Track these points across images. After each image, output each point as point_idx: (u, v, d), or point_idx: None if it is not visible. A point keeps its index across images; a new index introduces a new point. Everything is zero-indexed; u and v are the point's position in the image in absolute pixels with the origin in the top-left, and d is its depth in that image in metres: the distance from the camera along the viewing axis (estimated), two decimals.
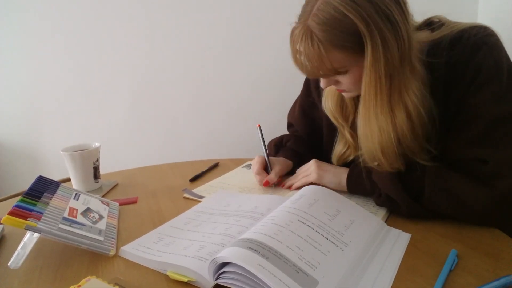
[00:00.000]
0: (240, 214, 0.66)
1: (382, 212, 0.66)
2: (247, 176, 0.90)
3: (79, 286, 0.46)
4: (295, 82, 1.48)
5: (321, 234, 0.52)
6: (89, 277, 0.48)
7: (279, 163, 0.86)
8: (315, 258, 0.47)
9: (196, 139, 1.55)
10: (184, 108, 1.50)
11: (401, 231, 0.59)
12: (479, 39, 0.61)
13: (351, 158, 0.79)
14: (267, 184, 0.82)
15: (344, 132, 0.78)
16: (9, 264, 0.52)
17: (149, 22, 1.40)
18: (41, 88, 1.44)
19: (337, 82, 0.66)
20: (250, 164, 0.95)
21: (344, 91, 0.68)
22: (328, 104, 0.78)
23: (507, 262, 0.50)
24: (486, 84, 0.60)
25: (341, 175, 0.75)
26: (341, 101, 0.76)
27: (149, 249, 0.57)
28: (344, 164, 0.81)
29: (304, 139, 0.95)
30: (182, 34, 1.42)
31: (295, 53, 0.62)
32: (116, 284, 0.48)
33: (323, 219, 0.55)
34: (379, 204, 0.68)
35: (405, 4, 0.58)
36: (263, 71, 1.47)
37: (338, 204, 0.61)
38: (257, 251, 0.45)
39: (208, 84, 1.48)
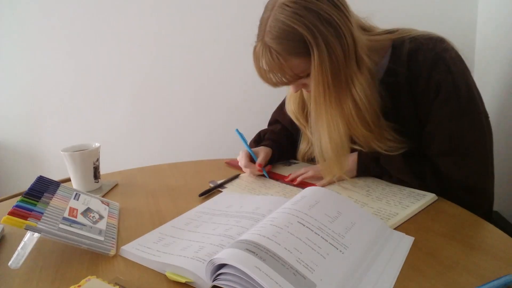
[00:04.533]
0: (241, 215, 0.66)
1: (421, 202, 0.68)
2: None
3: (79, 286, 0.46)
4: None
5: (321, 236, 0.51)
6: (89, 277, 0.48)
7: (262, 151, 0.92)
8: (314, 260, 0.47)
9: (196, 139, 1.55)
10: (184, 108, 1.51)
11: (404, 234, 0.58)
12: (436, 54, 0.69)
13: (314, 155, 0.84)
14: (261, 166, 0.86)
15: (306, 132, 0.87)
16: (9, 264, 0.52)
17: (149, 22, 1.40)
18: (41, 88, 1.44)
19: (304, 85, 0.75)
20: (287, 162, 0.98)
21: None
22: (290, 106, 0.87)
23: (507, 262, 0.50)
24: (446, 102, 0.69)
25: (349, 162, 0.79)
26: (302, 104, 0.85)
27: (149, 249, 0.57)
28: (309, 160, 0.91)
29: (278, 131, 1.00)
30: (182, 35, 1.42)
31: (259, 69, 0.71)
32: (116, 284, 0.48)
33: (323, 221, 0.55)
34: (389, 182, 0.77)
35: (345, 7, 0.67)
36: None
37: (339, 206, 0.60)
38: (254, 253, 0.44)
39: (208, 84, 1.48)
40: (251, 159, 0.90)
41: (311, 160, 0.90)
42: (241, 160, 0.89)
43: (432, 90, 0.70)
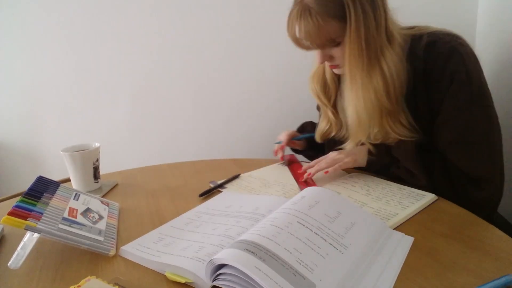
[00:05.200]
0: (240, 215, 0.66)
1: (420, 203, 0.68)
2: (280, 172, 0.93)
3: (79, 286, 0.46)
4: (295, 82, 1.49)
5: (321, 237, 0.51)
6: (89, 277, 0.48)
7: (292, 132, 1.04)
8: (313, 261, 0.47)
9: (196, 139, 1.54)
10: (184, 109, 1.50)
11: (404, 234, 0.58)
12: (452, 47, 0.72)
13: (332, 134, 0.91)
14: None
15: (327, 111, 0.90)
16: (9, 264, 0.52)
17: (149, 22, 1.40)
18: (41, 88, 1.44)
19: (331, 58, 0.77)
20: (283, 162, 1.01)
21: (336, 66, 0.79)
22: (314, 85, 0.91)
23: (507, 261, 0.50)
24: (458, 92, 0.71)
25: (361, 149, 0.83)
26: (324, 83, 0.89)
27: (148, 249, 0.57)
28: (327, 140, 0.94)
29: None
30: (182, 35, 1.42)
31: (293, 33, 0.74)
32: (116, 284, 0.48)
33: (323, 221, 0.55)
34: (395, 174, 0.79)
35: None
36: (264, 72, 1.47)
37: (339, 206, 0.60)
38: (254, 253, 0.44)
39: (209, 84, 1.48)
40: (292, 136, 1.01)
41: (330, 141, 0.93)
42: (283, 134, 1.00)
43: (446, 80, 0.72)
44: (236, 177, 0.89)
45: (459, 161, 0.73)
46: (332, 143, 0.92)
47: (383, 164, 0.81)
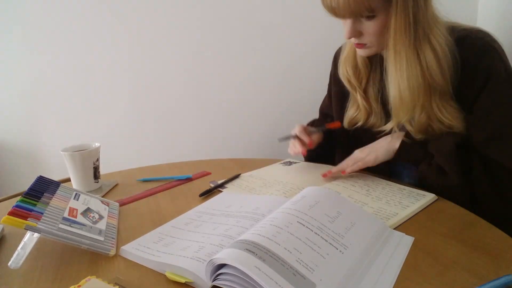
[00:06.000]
0: (240, 215, 0.66)
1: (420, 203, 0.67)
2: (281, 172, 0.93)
3: (79, 286, 0.46)
4: (294, 82, 1.49)
5: (321, 236, 0.51)
6: (89, 277, 0.48)
7: (317, 134, 0.94)
8: (313, 260, 0.47)
9: (196, 139, 1.55)
10: (184, 108, 1.50)
11: (404, 234, 0.58)
12: (486, 43, 0.69)
13: (360, 122, 0.88)
14: (310, 145, 0.90)
15: (357, 96, 0.86)
16: (9, 264, 0.52)
17: (148, 22, 1.40)
18: (41, 88, 1.44)
19: (360, 34, 0.73)
20: (288, 162, 0.99)
21: (363, 46, 0.75)
22: (344, 69, 0.86)
23: (507, 261, 0.50)
24: (498, 88, 0.68)
25: (392, 141, 0.78)
26: (355, 67, 0.85)
27: (148, 249, 0.57)
28: (355, 127, 0.89)
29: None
30: (182, 35, 1.42)
31: None
32: (116, 284, 0.48)
33: (323, 221, 0.54)
34: (423, 173, 0.74)
35: None
36: (264, 71, 1.47)
37: (339, 206, 0.60)
38: (254, 253, 0.44)
39: (208, 84, 1.48)
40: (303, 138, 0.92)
41: (357, 129, 0.89)
42: (297, 129, 0.91)
43: (480, 76, 0.69)
44: (236, 177, 0.89)
45: (501, 156, 0.69)
46: (360, 132, 0.89)
47: (413, 158, 0.77)
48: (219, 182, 0.86)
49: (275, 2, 1.38)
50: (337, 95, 0.97)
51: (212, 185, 0.84)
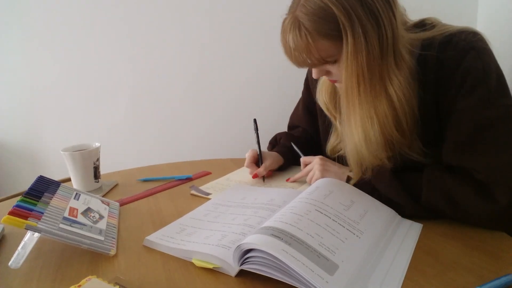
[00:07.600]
0: (257, 206, 0.69)
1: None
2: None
3: (80, 285, 0.46)
4: (293, 81, 1.48)
5: (338, 223, 0.55)
6: (89, 276, 0.48)
7: (271, 157, 0.90)
8: (334, 244, 0.50)
9: (195, 139, 1.55)
10: (184, 108, 1.50)
11: (413, 221, 0.62)
12: (468, 44, 0.63)
13: (342, 151, 0.78)
14: (255, 177, 0.87)
15: (337, 124, 0.80)
16: (9, 264, 0.52)
17: (148, 22, 1.40)
18: (41, 88, 1.44)
19: (328, 73, 0.68)
20: None
21: (336, 81, 0.70)
22: (322, 96, 0.80)
23: (507, 261, 0.50)
24: (474, 89, 0.61)
25: (343, 175, 0.75)
26: (334, 94, 0.79)
27: (172, 239, 0.59)
28: (338, 155, 0.82)
29: (295, 135, 0.98)
30: (182, 35, 1.42)
31: (285, 43, 0.65)
32: (116, 283, 0.48)
33: (339, 209, 0.58)
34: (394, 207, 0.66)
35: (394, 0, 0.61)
36: (261, 71, 1.47)
37: (352, 195, 0.64)
38: (280, 237, 0.47)
39: (208, 84, 1.48)
40: (257, 160, 0.89)
41: (340, 156, 0.81)
42: (246, 159, 0.89)
43: (458, 78, 0.63)
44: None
45: (473, 162, 0.61)
46: (341, 161, 0.80)
47: (365, 191, 0.69)
48: (200, 187, 0.84)
49: (275, 2, 1.38)
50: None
51: (193, 191, 0.82)
